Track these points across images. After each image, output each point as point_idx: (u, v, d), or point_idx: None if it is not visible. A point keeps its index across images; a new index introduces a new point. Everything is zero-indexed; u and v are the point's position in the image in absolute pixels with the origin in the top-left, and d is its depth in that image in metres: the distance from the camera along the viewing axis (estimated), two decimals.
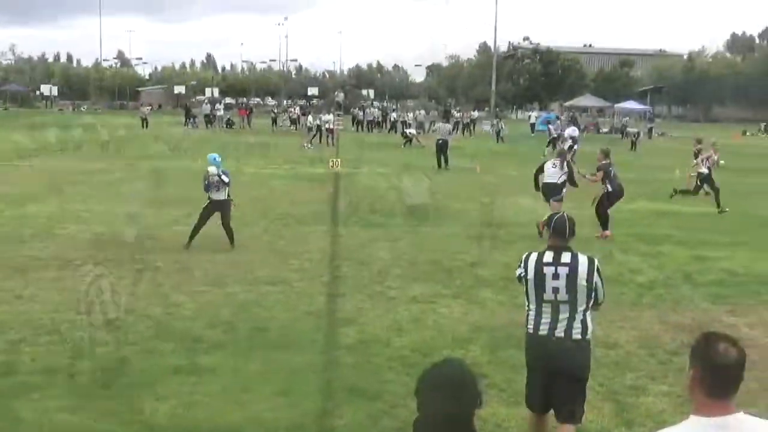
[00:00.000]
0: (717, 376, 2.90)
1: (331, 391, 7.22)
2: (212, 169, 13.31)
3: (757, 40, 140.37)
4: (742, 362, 2.93)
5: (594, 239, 14.47)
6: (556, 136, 38.39)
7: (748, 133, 67.19)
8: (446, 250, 13.70)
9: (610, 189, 15.69)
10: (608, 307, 9.75)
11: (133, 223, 15.67)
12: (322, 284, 11.20)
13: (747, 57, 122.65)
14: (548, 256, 5.54)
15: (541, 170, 16.21)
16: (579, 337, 5.47)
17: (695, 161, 22.40)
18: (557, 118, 48.36)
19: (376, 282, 11.33)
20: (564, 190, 15.88)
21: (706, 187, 20.39)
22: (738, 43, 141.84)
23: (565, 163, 16.02)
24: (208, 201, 13.52)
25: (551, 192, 15.85)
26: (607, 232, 15.34)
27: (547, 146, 37.26)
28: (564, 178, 15.86)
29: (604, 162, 16.00)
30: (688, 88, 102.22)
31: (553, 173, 15.88)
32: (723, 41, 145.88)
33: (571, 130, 31.88)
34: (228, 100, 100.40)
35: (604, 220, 15.55)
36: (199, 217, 13.52)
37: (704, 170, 20.21)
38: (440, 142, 29.47)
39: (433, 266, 12.45)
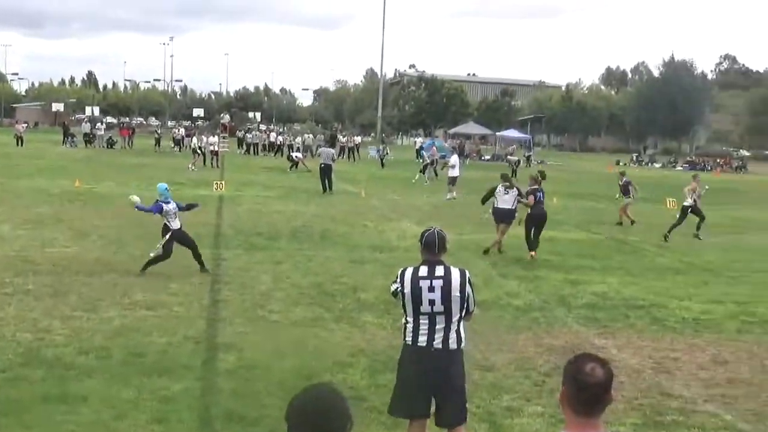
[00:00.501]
0: (584, 395, 3.01)
1: (209, 418, 7.09)
2: (170, 207, 13.09)
3: (630, 75, 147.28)
4: (608, 382, 3.04)
5: (473, 262, 14.75)
6: (429, 162, 38.85)
7: (621, 163, 70.09)
8: (329, 274, 13.72)
9: (529, 212, 16.53)
10: (486, 330, 10.07)
11: (3, 244, 15.02)
12: (203, 308, 11.00)
13: (621, 90, 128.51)
14: (423, 271, 5.74)
15: (491, 194, 17.12)
16: (455, 347, 5.72)
17: (629, 195, 23.56)
18: (432, 144, 49.13)
19: (258, 306, 11.22)
20: (517, 214, 16.83)
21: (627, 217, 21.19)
22: (612, 77, 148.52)
23: (514, 187, 16.97)
24: (170, 233, 13.10)
25: (504, 217, 16.68)
26: (533, 253, 16.17)
27: (420, 172, 37.53)
28: (516, 203, 16.74)
29: (532, 186, 16.81)
30: (566, 118, 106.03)
31: (507, 199, 16.73)
32: (599, 75, 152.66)
33: (454, 159, 32.44)
34: (109, 119, 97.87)
35: (529, 242, 16.44)
36: (164, 250, 13.01)
37: (690, 201, 20.97)
38: (323, 166, 29.53)
39: (316, 290, 12.44)
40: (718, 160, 78.24)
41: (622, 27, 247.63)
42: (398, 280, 5.82)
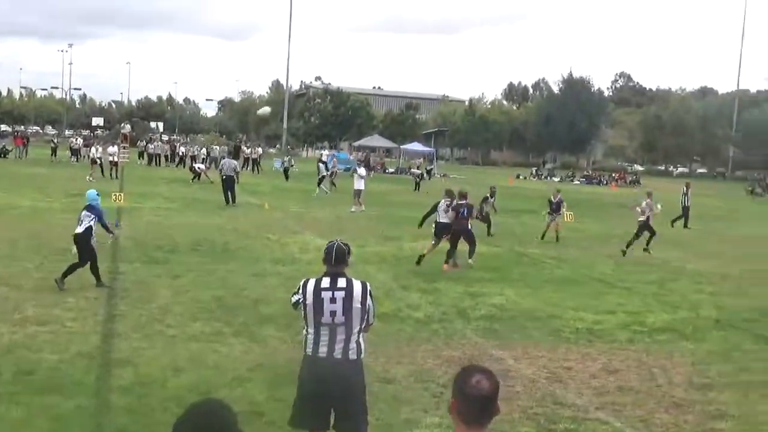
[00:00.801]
0: (471, 406, 3.11)
1: None
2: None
3: (531, 90, 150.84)
4: (494, 394, 3.15)
5: (375, 274, 14.83)
6: (326, 174, 38.86)
7: (521, 177, 71.69)
8: (230, 287, 13.57)
9: (453, 227, 17.37)
10: (387, 342, 10.15)
11: None
12: (97, 323, 10.73)
13: (522, 105, 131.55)
14: (325, 282, 5.81)
15: (434, 210, 17.91)
16: (355, 357, 5.80)
17: (560, 212, 23.90)
18: (333, 156, 49.26)
19: (156, 320, 11.01)
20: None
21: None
22: (514, 92, 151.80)
23: (454, 202, 17.60)
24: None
25: (444, 231, 17.42)
26: (444, 266, 16.85)
27: (318, 185, 37.39)
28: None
29: (458, 202, 17.56)
30: (469, 132, 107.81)
31: (449, 215, 17.48)
32: (501, 90, 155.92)
33: (361, 171, 32.50)
34: (3, 127, 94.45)
35: (449, 253, 17.21)
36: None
37: (643, 218, 21.63)
38: (226, 178, 29.16)
39: (216, 304, 12.29)
40: (613, 175, 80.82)
41: (524, 43, 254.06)
42: (300, 291, 5.86)
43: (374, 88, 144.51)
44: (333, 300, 5.72)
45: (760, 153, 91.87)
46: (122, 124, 69.18)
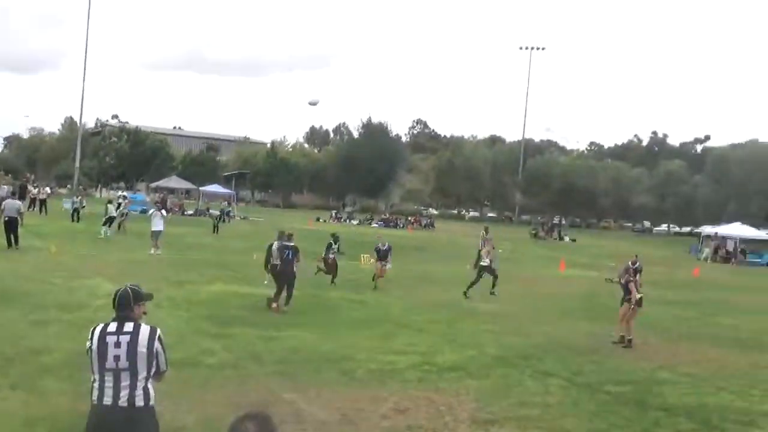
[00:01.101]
0: None
1: None
2: None
3: (332, 135, 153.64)
4: None
5: (167, 320, 14.42)
6: (115, 215, 37.70)
7: (320, 220, 72.37)
8: (7, 336, 12.71)
9: (277, 269, 18.31)
10: (177, 390, 9.86)
11: None
12: None
13: (323, 149, 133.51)
14: (112, 326, 5.66)
15: (270, 251, 18.74)
16: (142, 404, 5.59)
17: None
18: (125, 197, 47.81)
19: None
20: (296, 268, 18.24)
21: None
22: (316, 136, 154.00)
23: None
24: None
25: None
26: (274, 305, 17.62)
27: (103, 225, 36.04)
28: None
29: (284, 243, 18.50)
30: (270, 175, 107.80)
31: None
32: (303, 133, 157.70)
33: (162, 212, 31.60)
34: None
35: (275, 295, 17.97)
36: None
37: (487, 261, 23.13)
38: (7, 219, 27.32)
39: None
40: (409, 218, 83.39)
41: (326, 89, 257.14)
42: (90, 337, 5.66)
43: (174, 128, 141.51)
44: (118, 344, 5.55)
45: (542, 198, 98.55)
46: None
